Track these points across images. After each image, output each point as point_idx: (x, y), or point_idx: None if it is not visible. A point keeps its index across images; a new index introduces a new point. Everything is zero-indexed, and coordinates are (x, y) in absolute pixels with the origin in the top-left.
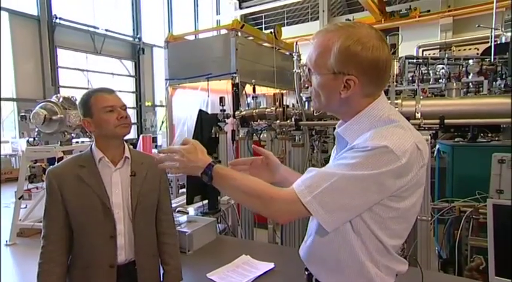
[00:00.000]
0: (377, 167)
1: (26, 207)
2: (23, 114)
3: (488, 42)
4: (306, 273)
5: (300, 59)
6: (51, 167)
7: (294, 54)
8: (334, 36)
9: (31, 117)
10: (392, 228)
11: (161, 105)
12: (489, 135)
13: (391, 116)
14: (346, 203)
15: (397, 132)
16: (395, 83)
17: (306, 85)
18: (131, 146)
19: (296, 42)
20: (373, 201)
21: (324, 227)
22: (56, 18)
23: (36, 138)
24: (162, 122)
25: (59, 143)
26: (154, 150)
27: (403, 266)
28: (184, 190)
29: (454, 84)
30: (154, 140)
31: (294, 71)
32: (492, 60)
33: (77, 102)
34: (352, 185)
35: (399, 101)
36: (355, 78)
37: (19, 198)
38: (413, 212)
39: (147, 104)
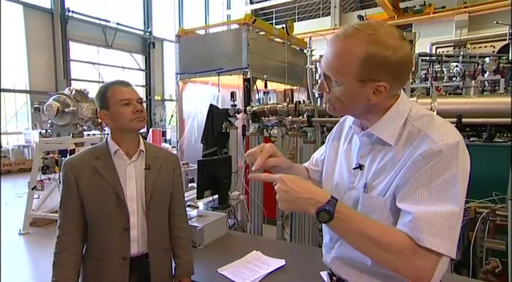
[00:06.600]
0: (465, 168)
1: (38, 198)
2: (36, 106)
3: (505, 39)
4: (334, 278)
5: (313, 55)
6: (67, 158)
7: (307, 49)
8: (356, 42)
9: (44, 109)
10: None
11: (170, 100)
12: (505, 135)
13: (420, 111)
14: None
15: (446, 123)
16: (410, 80)
17: (322, 92)
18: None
19: (310, 38)
20: None
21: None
22: (69, 11)
23: (48, 130)
24: (172, 116)
25: (71, 135)
26: (164, 144)
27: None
28: (192, 184)
29: (473, 82)
30: (164, 134)
31: (306, 66)
32: (510, 58)
33: (89, 95)
34: (462, 200)
35: (414, 99)
36: (385, 84)
37: (32, 189)
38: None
39: (156, 98)
